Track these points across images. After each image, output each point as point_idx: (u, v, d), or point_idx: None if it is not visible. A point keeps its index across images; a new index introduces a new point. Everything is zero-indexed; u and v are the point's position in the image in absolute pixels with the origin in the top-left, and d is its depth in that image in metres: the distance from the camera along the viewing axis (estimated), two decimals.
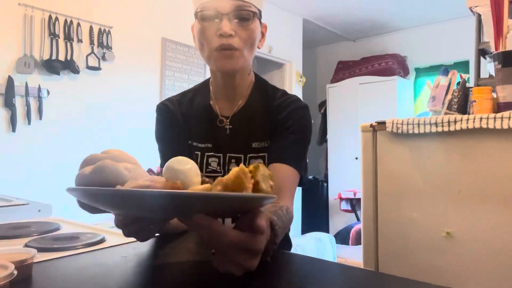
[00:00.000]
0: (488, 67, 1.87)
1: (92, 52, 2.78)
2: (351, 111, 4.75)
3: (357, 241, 3.20)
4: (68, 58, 2.64)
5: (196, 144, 0.98)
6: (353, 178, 4.41)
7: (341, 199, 4.20)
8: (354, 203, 4.17)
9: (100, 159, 0.55)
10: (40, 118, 2.51)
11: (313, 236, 3.01)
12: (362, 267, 1.32)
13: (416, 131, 1.25)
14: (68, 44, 2.65)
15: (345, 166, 4.72)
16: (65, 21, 2.64)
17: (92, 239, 0.78)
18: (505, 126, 1.08)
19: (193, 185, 0.55)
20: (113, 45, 2.89)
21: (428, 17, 4.56)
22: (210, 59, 0.89)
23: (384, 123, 1.34)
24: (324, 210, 4.94)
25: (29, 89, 2.45)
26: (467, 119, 1.15)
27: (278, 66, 4.54)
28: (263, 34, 0.96)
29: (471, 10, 1.74)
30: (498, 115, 1.10)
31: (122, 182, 0.53)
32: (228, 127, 0.97)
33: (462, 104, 1.38)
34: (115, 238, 0.81)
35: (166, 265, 0.66)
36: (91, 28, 2.78)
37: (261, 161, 0.95)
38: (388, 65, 4.67)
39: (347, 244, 3.31)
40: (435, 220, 1.22)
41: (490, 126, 1.11)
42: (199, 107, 0.99)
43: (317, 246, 2.87)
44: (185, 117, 1.00)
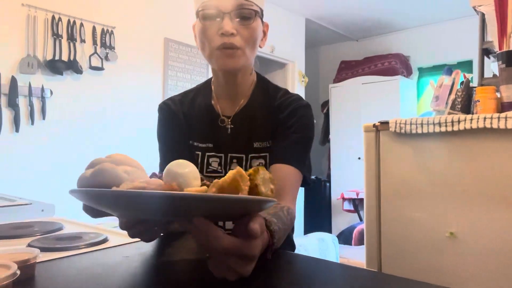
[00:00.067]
0: (492, 67, 1.86)
1: (95, 52, 2.78)
2: (354, 111, 4.74)
3: (360, 241, 3.19)
4: (71, 58, 2.64)
5: (197, 144, 0.97)
6: (356, 178, 4.40)
7: (344, 199, 4.20)
8: (357, 203, 4.17)
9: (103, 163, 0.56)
10: (44, 118, 2.52)
11: (316, 236, 3.01)
12: (365, 268, 1.32)
13: (420, 131, 1.25)
14: (71, 45, 2.66)
15: (348, 166, 4.71)
16: (68, 22, 2.65)
17: (95, 239, 0.78)
18: (509, 126, 1.07)
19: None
20: (116, 45, 2.90)
21: (431, 17, 4.54)
22: (212, 58, 0.89)
23: (387, 123, 1.33)
24: (327, 210, 4.94)
25: (33, 89, 2.46)
26: (471, 119, 1.15)
27: (281, 66, 4.54)
28: (265, 33, 0.95)
29: (475, 10, 1.73)
30: (502, 115, 1.10)
31: (120, 184, 0.53)
32: (230, 127, 0.96)
33: (466, 104, 1.37)
34: (118, 238, 0.81)
35: (169, 265, 0.66)
36: (94, 29, 2.78)
37: (263, 161, 0.94)
38: (391, 65, 4.65)
39: (350, 244, 3.30)
40: (439, 221, 1.21)
41: (494, 126, 1.10)
42: (201, 107, 0.99)
43: (320, 246, 2.86)
44: (187, 117, 0.99)
